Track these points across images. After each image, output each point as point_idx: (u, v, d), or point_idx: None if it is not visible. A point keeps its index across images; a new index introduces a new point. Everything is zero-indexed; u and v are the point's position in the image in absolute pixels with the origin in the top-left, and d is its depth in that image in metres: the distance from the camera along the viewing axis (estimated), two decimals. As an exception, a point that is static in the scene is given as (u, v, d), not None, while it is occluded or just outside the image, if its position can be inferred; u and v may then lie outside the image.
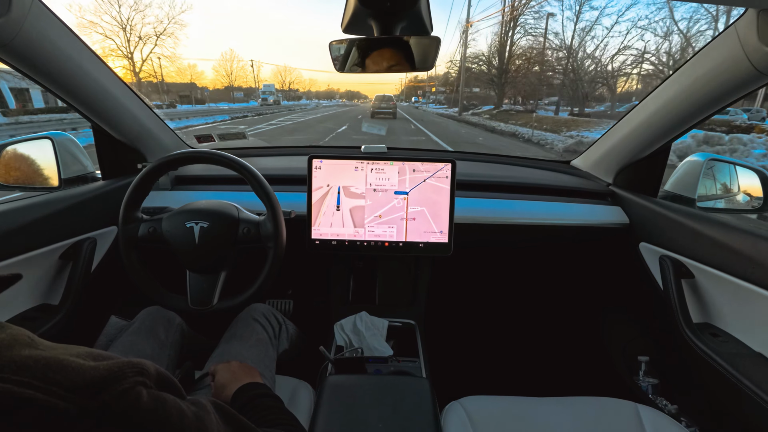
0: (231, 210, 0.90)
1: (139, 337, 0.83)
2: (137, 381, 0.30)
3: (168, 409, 0.31)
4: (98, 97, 0.94)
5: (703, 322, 0.91)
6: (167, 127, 1.23)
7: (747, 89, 0.76)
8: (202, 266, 0.89)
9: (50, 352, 0.28)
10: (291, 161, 1.39)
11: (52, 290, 0.91)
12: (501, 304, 1.58)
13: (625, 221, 1.13)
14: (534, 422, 0.78)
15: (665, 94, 0.93)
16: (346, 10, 0.64)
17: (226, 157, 0.86)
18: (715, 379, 0.79)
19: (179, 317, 0.96)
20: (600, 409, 0.81)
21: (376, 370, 0.95)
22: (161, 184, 1.17)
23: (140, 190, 0.87)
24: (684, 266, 0.93)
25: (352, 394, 0.77)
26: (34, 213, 0.84)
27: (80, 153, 1.11)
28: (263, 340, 0.90)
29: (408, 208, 1.04)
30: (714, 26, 18.05)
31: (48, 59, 0.78)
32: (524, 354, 1.47)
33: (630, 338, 1.25)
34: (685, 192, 1.07)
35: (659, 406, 1.06)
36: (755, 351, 0.78)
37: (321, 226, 1.05)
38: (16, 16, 0.66)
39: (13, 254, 0.79)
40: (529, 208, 1.16)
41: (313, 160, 1.02)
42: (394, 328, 1.10)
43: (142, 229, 0.87)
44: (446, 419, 0.78)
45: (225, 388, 0.66)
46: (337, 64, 0.74)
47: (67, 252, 0.92)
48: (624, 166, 1.16)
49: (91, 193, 1.00)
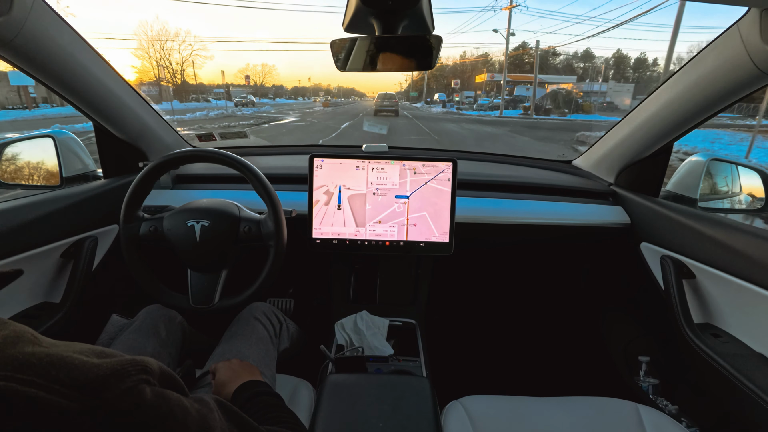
0: (232, 209, 0.90)
1: (140, 336, 0.83)
2: (141, 379, 0.30)
3: (171, 406, 0.31)
4: (100, 96, 0.94)
5: (704, 322, 0.91)
6: (168, 125, 1.23)
7: (749, 89, 0.75)
8: (203, 265, 0.89)
9: (53, 349, 0.28)
10: (292, 160, 1.39)
11: (53, 288, 0.91)
12: (501, 303, 1.57)
13: (626, 221, 1.13)
14: (534, 422, 0.78)
15: (667, 94, 0.92)
16: (348, 9, 0.64)
17: (228, 155, 0.87)
18: (716, 379, 0.79)
19: (180, 316, 0.96)
20: (600, 409, 0.81)
21: (377, 369, 0.95)
22: (162, 183, 1.17)
23: (141, 188, 0.87)
24: (685, 266, 0.93)
25: (353, 393, 0.77)
26: (35, 211, 0.84)
27: (82, 151, 1.11)
28: (264, 339, 0.90)
29: (409, 213, 1.04)
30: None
31: (50, 57, 0.78)
32: (525, 354, 1.47)
33: (631, 338, 1.24)
34: (687, 192, 1.07)
35: (660, 406, 1.06)
36: (756, 351, 0.78)
37: (322, 225, 1.05)
38: (18, 15, 0.66)
39: (15, 252, 0.79)
40: (530, 207, 1.16)
41: (314, 159, 1.02)
42: (394, 327, 1.10)
43: (143, 228, 0.87)
44: (446, 419, 0.78)
45: (226, 386, 0.66)
46: (338, 63, 0.74)
47: (68, 250, 0.92)
48: (626, 165, 1.16)
49: (93, 192, 1.00)
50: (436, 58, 0.71)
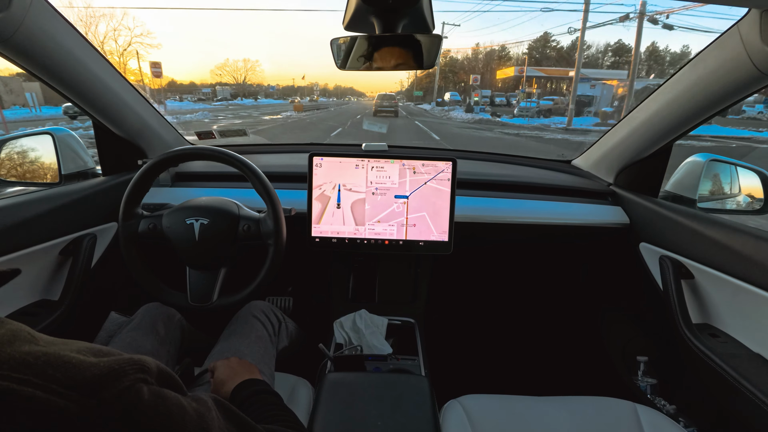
0: (231, 207, 0.90)
1: (138, 334, 0.83)
2: (138, 378, 0.30)
3: (169, 405, 0.31)
4: (99, 93, 0.93)
5: (702, 322, 0.91)
6: (168, 123, 1.23)
7: (749, 90, 0.75)
8: (202, 263, 0.89)
9: (50, 348, 0.28)
10: (292, 159, 1.39)
11: (51, 286, 0.91)
12: (500, 303, 1.58)
13: (625, 221, 1.13)
14: (532, 421, 0.78)
15: (667, 94, 0.92)
16: (348, 7, 0.64)
17: (227, 153, 0.86)
18: (714, 379, 0.79)
19: (179, 314, 0.96)
20: (598, 409, 0.81)
21: (376, 368, 0.95)
22: (161, 181, 1.17)
23: (140, 186, 0.87)
24: (684, 267, 0.93)
25: (351, 392, 0.77)
26: (34, 209, 0.84)
27: (81, 149, 1.11)
28: (263, 337, 0.90)
29: (408, 213, 1.04)
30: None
31: (48, 55, 0.78)
32: (523, 353, 1.47)
33: (629, 338, 1.25)
34: (686, 192, 1.07)
35: (658, 406, 1.06)
36: (754, 352, 0.78)
37: (321, 224, 1.05)
38: (17, 12, 0.66)
39: (13, 250, 0.79)
40: (529, 207, 1.16)
41: (314, 157, 1.02)
42: (393, 326, 1.11)
43: (142, 226, 0.87)
44: (445, 417, 0.78)
45: (224, 385, 0.66)
46: (338, 61, 0.74)
47: (67, 248, 0.92)
48: (625, 166, 1.16)
49: (92, 189, 1.00)
50: (437, 56, 0.71)
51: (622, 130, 1.11)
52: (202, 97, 37.85)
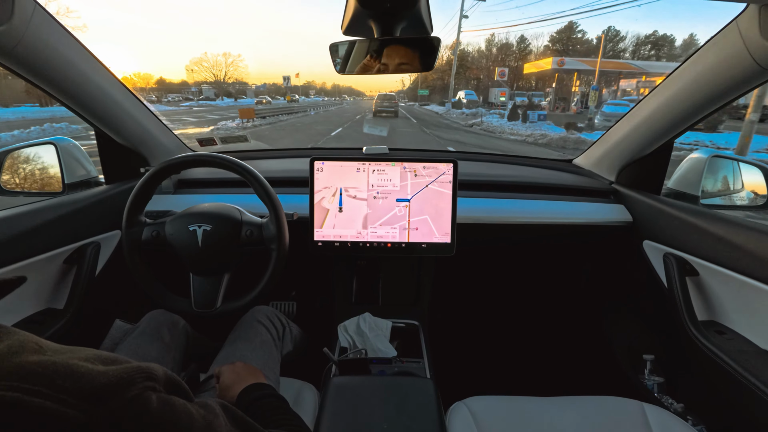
0: (233, 213, 0.90)
1: (143, 341, 0.84)
2: (146, 386, 0.30)
3: (177, 413, 0.31)
4: (100, 102, 0.94)
5: (708, 319, 0.90)
6: (169, 130, 1.23)
7: (749, 85, 0.75)
8: (205, 269, 0.89)
9: (58, 357, 0.28)
10: (293, 163, 1.39)
11: (56, 294, 0.92)
12: (505, 303, 1.57)
13: (628, 219, 1.13)
14: (539, 422, 0.78)
15: (667, 91, 0.92)
16: (346, 11, 0.64)
17: (228, 160, 0.87)
18: (722, 377, 0.79)
19: (183, 320, 0.96)
20: (606, 409, 0.81)
21: (380, 371, 0.95)
22: (164, 188, 1.17)
23: (143, 193, 0.87)
24: (688, 264, 0.92)
25: (357, 396, 0.77)
26: (38, 218, 0.84)
27: (83, 158, 1.12)
28: (267, 342, 0.90)
29: (410, 216, 1.04)
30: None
31: (50, 65, 0.78)
32: (529, 353, 1.46)
33: (635, 337, 1.24)
34: (689, 189, 1.06)
35: (665, 404, 1.05)
36: (762, 348, 0.77)
37: (323, 228, 1.05)
38: (19, 23, 0.67)
39: (18, 259, 0.79)
40: (531, 207, 1.16)
41: (315, 162, 1.02)
42: (397, 328, 1.10)
43: (145, 233, 0.87)
44: (451, 420, 0.78)
45: (230, 390, 0.66)
46: (337, 65, 0.75)
47: (71, 256, 0.93)
48: (626, 164, 1.16)
49: (95, 198, 1.00)
50: (435, 58, 0.71)
51: (622, 128, 1.11)
52: (189, 97, 36.60)
